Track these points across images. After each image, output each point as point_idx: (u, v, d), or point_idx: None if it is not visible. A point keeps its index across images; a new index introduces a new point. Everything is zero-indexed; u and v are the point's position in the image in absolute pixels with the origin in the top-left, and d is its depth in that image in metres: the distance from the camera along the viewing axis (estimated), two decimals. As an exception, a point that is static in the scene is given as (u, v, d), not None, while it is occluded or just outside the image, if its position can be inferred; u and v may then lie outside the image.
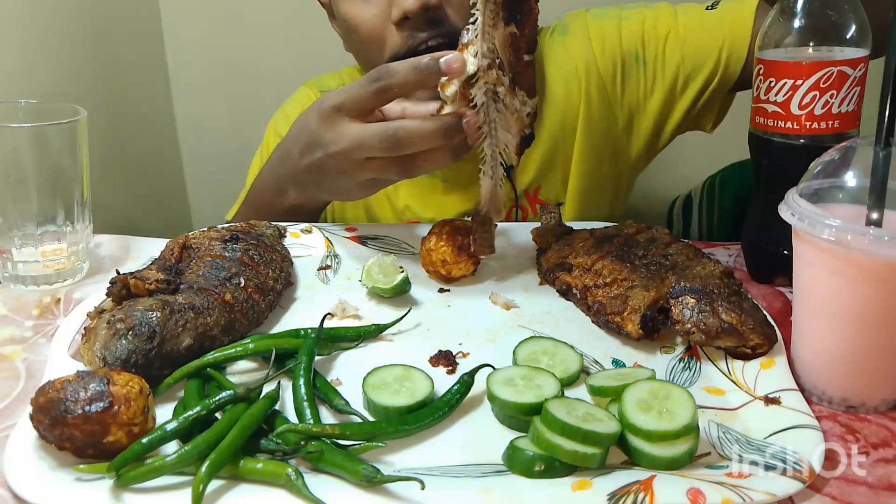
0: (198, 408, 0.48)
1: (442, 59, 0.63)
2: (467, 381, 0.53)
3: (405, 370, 0.55)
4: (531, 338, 0.61)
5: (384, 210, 1.05)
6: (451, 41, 0.72)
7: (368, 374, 0.55)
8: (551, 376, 0.53)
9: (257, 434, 0.48)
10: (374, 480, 0.44)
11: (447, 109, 0.67)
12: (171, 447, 0.47)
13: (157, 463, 0.44)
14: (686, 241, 0.72)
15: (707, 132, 1.04)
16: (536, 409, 0.49)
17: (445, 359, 0.59)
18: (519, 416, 0.51)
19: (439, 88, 0.67)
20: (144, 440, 0.45)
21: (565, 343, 0.59)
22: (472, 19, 0.64)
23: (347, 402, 0.52)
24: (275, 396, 0.51)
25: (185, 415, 0.48)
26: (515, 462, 0.46)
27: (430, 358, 0.60)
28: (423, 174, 0.70)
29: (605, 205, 1.06)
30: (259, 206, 0.86)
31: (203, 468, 0.43)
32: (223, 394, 0.49)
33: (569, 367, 0.56)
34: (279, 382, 0.53)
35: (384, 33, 0.85)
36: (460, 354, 0.61)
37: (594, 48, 1.01)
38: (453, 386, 0.53)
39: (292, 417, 0.51)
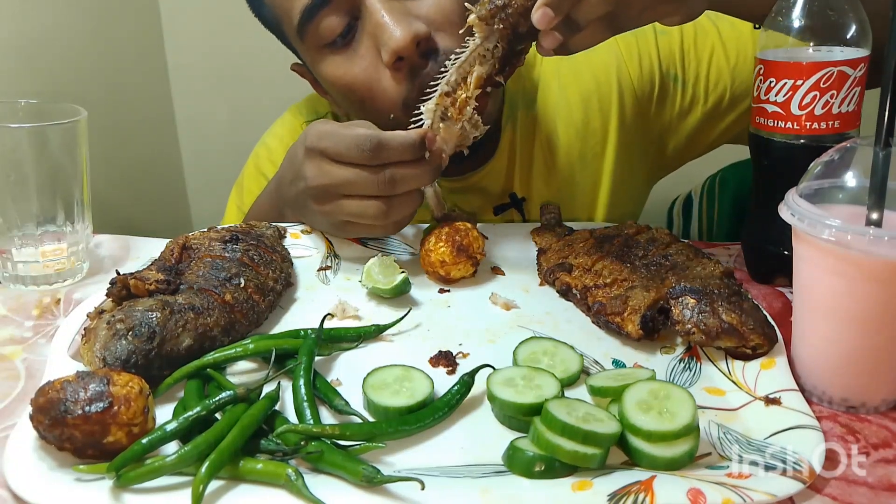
0: (198, 408, 0.48)
1: (427, 136, 0.69)
2: (467, 381, 0.53)
3: (405, 370, 0.55)
4: (531, 338, 0.61)
5: None
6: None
7: (368, 374, 0.55)
8: (551, 377, 0.53)
9: (257, 434, 0.48)
10: (374, 481, 0.44)
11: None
12: (171, 447, 0.47)
13: (157, 463, 0.44)
14: (686, 241, 0.72)
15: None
16: (536, 409, 0.49)
17: (445, 359, 0.59)
18: (519, 417, 0.51)
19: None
20: (144, 440, 0.45)
21: (565, 343, 0.59)
22: (459, 52, 0.68)
23: (347, 403, 0.52)
24: (275, 397, 0.51)
25: (185, 415, 0.48)
26: (515, 462, 0.46)
27: (431, 358, 0.60)
28: (399, 218, 0.72)
29: (626, 217, 1.00)
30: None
31: (203, 468, 0.43)
32: (223, 394, 0.49)
33: (569, 368, 0.56)
34: (279, 383, 0.53)
35: (381, 82, 0.79)
36: (460, 355, 0.61)
37: (629, 65, 0.92)
38: (453, 386, 0.53)
39: (292, 418, 0.51)
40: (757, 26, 0.85)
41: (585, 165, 0.94)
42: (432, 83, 0.71)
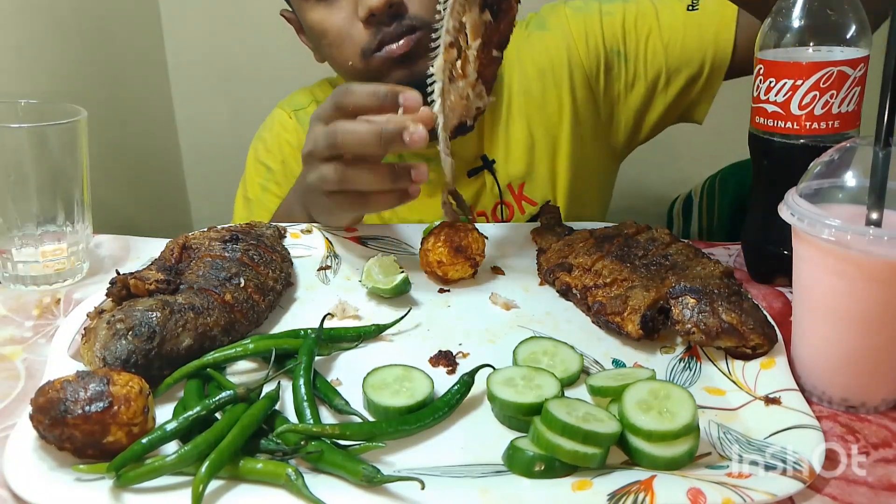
0: (198, 408, 0.48)
1: (401, 96, 0.67)
2: (467, 381, 0.53)
3: (405, 370, 0.55)
4: (531, 338, 0.61)
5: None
6: (414, 30, 0.85)
7: (368, 374, 0.55)
8: (551, 376, 0.53)
9: (257, 434, 0.48)
10: (373, 480, 0.44)
11: (436, 107, 0.67)
12: (171, 447, 0.47)
13: (157, 463, 0.44)
14: (686, 241, 0.72)
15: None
16: (536, 409, 0.49)
17: (445, 359, 0.59)
18: (519, 417, 0.51)
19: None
20: (144, 440, 0.45)
21: (565, 343, 0.59)
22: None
23: (347, 403, 0.52)
24: (275, 396, 0.51)
25: (185, 415, 0.48)
26: (515, 462, 0.46)
27: (430, 358, 0.60)
28: (356, 187, 0.71)
29: (593, 198, 1.10)
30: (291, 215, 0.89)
31: (203, 468, 0.43)
32: (223, 394, 0.49)
33: (569, 368, 0.56)
34: (279, 382, 0.53)
35: (352, 32, 0.89)
36: (460, 355, 0.61)
37: (577, 44, 1.02)
38: (453, 386, 0.53)
39: (292, 417, 0.51)
40: (691, 7, 0.97)
41: (546, 133, 1.02)
42: (433, 45, 0.69)
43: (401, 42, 0.86)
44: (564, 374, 0.55)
